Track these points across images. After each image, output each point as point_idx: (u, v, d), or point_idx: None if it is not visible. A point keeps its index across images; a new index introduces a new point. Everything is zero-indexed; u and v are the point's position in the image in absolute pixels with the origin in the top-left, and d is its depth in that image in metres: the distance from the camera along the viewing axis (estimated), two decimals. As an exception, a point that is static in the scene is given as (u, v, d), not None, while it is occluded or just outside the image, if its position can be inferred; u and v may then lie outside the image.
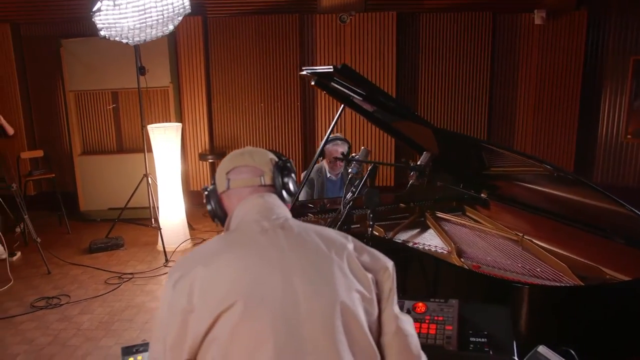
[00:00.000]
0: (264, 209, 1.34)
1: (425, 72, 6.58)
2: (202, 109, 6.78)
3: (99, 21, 4.37)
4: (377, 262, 1.35)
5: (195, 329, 1.17)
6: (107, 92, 6.66)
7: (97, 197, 6.52)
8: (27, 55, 6.73)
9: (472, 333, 1.79)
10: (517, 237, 2.87)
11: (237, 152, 1.46)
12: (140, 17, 4.45)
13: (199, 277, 1.21)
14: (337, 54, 6.47)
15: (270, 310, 1.18)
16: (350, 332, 1.21)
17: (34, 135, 6.93)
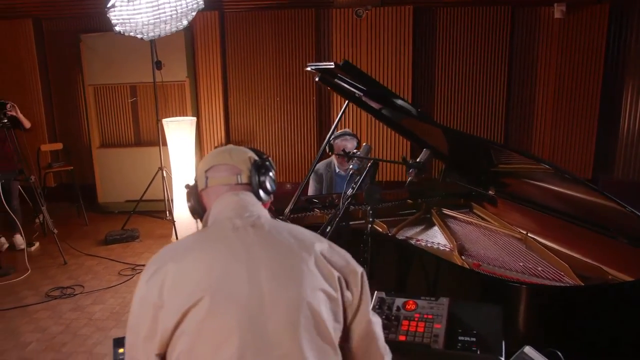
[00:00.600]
0: (238, 206, 1.35)
1: (442, 67, 6.51)
2: (218, 103, 6.83)
3: (114, 17, 4.43)
4: (347, 265, 1.36)
5: (164, 324, 1.20)
6: (125, 86, 6.76)
7: (114, 189, 6.64)
8: (49, 50, 6.88)
9: (462, 332, 1.78)
10: (521, 235, 2.84)
11: (218, 150, 1.48)
12: (154, 12, 4.50)
13: (170, 273, 1.24)
14: (353, 48, 6.44)
15: (236, 306, 1.20)
16: (314, 330, 1.23)
17: (54, 128, 7.07)
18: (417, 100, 6.62)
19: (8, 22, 6.61)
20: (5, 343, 3.64)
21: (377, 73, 6.40)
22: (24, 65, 6.71)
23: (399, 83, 6.40)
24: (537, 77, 6.42)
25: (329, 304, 1.28)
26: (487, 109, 6.51)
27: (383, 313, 1.87)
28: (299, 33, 6.53)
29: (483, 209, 3.36)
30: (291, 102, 6.76)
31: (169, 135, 5.48)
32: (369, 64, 6.41)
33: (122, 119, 6.91)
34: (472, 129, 6.57)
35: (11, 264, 4.92)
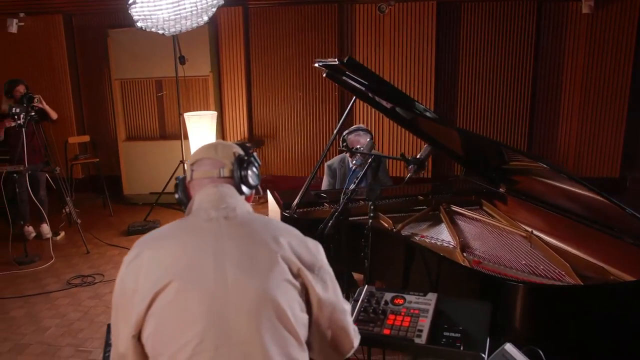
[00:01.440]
0: (216, 198, 1.40)
1: (466, 64, 6.44)
2: (241, 97, 6.92)
3: (135, 13, 4.54)
4: (315, 258, 1.40)
5: (138, 307, 1.27)
6: (151, 81, 6.90)
7: (139, 181, 6.79)
8: (78, 45, 7.09)
9: (447, 327, 1.79)
10: (526, 233, 2.81)
11: (205, 145, 1.53)
12: (174, 9, 4.59)
13: (146, 260, 1.31)
14: (375, 44, 6.43)
15: (200, 292, 1.26)
16: (276, 320, 1.27)
17: (83, 121, 7.28)
18: (439, 97, 6.58)
19: (40, 17, 6.83)
20: (27, 327, 3.79)
21: (400, 69, 6.38)
22: (54, 59, 6.93)
23: (422, 79, 6.36)
24: (564, 74, 6.28)
25: (294, 295, 1.32)
26: (511, 106, 6.41)
27: (371, 307, 1.89)
28: (322, 28, 6.56)
29: (492, 206, 3.33)
30: (313, 96, 6.80)
31: (190, 129, 5.59)
32: (392, 59, 6.39)
33: (147, 112, 7.06)
34: (495, 126, 6.49)
35: (37, 252, 5.10)
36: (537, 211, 3.01)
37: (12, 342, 3.61)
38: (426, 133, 2.96)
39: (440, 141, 3.08)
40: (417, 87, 6.38)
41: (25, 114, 4.96)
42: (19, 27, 6.71)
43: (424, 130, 3.01)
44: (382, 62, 6.43)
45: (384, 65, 6.43)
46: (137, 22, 4.63)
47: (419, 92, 6.39)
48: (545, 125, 6.49)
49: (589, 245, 2.61)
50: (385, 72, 6.44)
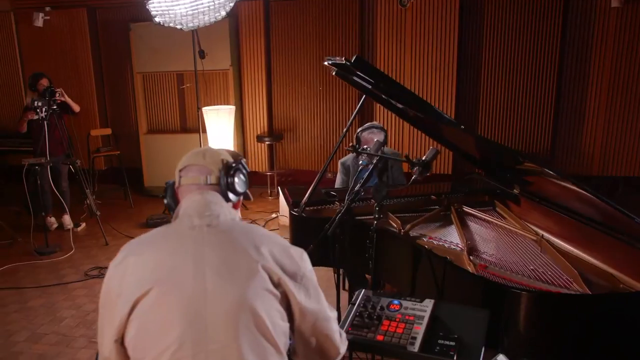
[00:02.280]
0: (200, 205, 1.41)
1: (489, 59, 6.31)
2: (261, 91, 6.93)
3: (153, 8, 4.57)
4: (297, 267, 1.40)
5: (121, 311, 1.29)
6: (172, 74, 6.96)
7: (159, 173, 6.87)
8: (102, 39, 7.19)
9: (442, 335, 1.76)
10: (536, 237, 2.74)
11: (194, 151, 1.54)
12: (192, 4, 4.60)
13: (130, 265, 1.33)
14: (397, 38, 6.35)
15: (179, 299, 1.27)
16: (254, 328, 1.28)
17: (105, 114, 7.40)
18: (461, 91, 6.47)
19: (64, 11, 6.95)
20: (44, 317, 3.88)
21: (421, 63, 6.29)
22: (78, 53, 7.04)
23: (444, 73, 6.26)
24: (590, 69, 6.10)
25: (274, 304, 1.32)
26: (535, 102, 6.27)
27: (366, 311, 1.87)
28: (343, 21, 6.51)
29: (505, 207, 3.26)
30: (334, 90, 6.76)
31: (208, 123, 5.63)
32: (413, 53, 6.31)
33: (168, 106, 7.14)
34: (518, 121, 6.36)
35: (57, 243, 5.21)
36: (550, 213, 2.94)
37: (29, 331, 3.70)
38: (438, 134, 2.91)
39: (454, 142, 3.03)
40: (439, 82, 6.29)
41: (48, 107, 5.07)
42: (45, 21, 6.84)
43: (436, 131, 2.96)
44: (404, 56, 6.35)
45: (405, 59, 6.35)
46: (155, 17, 4.66)
47: (441, 86, 6.30)
48: (570, 121, 6.33)
49: (601, 251, 2.54)
50: (407, 67, 6.36)
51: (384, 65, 6.44)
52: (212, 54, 6.14)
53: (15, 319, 3.87)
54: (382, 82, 2.59)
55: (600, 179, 6.37)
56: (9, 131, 6.94)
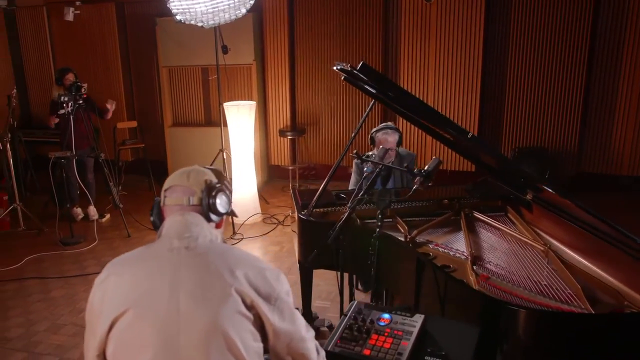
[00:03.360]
0: (181, 227, 1.45)
1: (515, 54, 6.18)
2: (284, 86, 6.95)
3: (174, 7, 4.62)
4: (272, 289, 1.43)
5: (101, 328, 1.35)
6: (197, 68, 7.04)
7: (184, 166, 6.93)
8: (129, 33, 7.31)
9: (430, 352, 1.77)
10: (544, 247, 2.70)
11: (179, 171, 1.59)
12: (212, 2, 4.63)
13: (111, 284, 1.39)
14: (421, 33, 6.27)
15: (154, 321, 1.32)
16: (226, 350, 1.31)
17: (133, 107, 7.55)
18: (486, 88, 6.37)
19: (94, 6, 7.10)
20: (63, 308, 4.02)
21: (445, 58, 6.20)
22: (107, 47, 7.19)
23: (468, 69, 6.15)
24: (622, 66, 5.90)
25: (247, 326, 1.36)
26: (563, 98, 6.12)
27: (356, 324, 1.89)
28: (367, 17, 6.47)
29: (517, 214, 3.21)
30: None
31: (229, 118, 5.68)
32: (437, 48, 6.22)
33: (193, 99, 7.23)
34: (545, 119, 6.23)
35: (82, 234, 5.37)
36: (562, 222, 2.88)
37: (49, 321, 3.84)
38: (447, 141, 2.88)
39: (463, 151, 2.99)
40: (464, 77, 6.19)
41: (74, 101, 5.20)
42: (75, 16, 7.01)
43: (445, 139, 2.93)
44: (428, 51, 6.27)
45: (429, 55, 6.27)
46: (176, 15, 4.71)
47: (465, 82, 6.20)
48: (600, 118, 6.15)
49: (611, 264, 2.48)
50: (431, 62, 6.29)
51: (408, 61, 6.39)
52: (236, 49, 6.17)
53: (37, 308, 4.03)
54: (388, 88, 2.58)
55: (630, 178, 6.20)
56: (40, 123, 7.16)
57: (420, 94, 6.41)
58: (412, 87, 6.44)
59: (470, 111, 6.28)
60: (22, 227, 5.52)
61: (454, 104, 6.31)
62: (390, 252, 2.68)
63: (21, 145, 6.43)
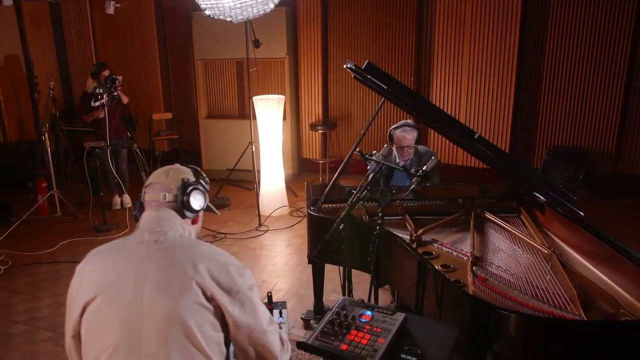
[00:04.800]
0: (154, 222, 1.56)
1: (553, 53, 6.03)
2: (317, 80, 7.00)
3: (202, 2, 4.74)
4: (233, 283, 1.50)
5: (75, 312, 1.48)
6: (232, 62, 7.18)
7: (217, 158, 7.15)
8: (167, 26, 7.52)
9: (407, 350, 1.79)
10: (548, 251, 2.66)
11: (161, 169, 1.70)
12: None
13: (86, 272, 1.52)
14: (456, 29, 6.19)
15: (119, 308, 1.42)
16: (184, 338, 1.40)
17: (170, 99, 7.76)
18: (521, 86, 6.25)
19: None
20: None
21: (480, 55, 6.11)
22: (145, 40, 7.42)
23: (503, 65, 6.03)
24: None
25: (207, 316, 1.44)
26: (601, 100, 5.94)
27: (338, 319, 1.93)
28: (401, 12, 6.44)
29: (529, 215, 3.17)
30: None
31: (258, 111, 5.78)
32: (472, 45, 6.13)
33: (227, 92, 7.38)
34: (582, 120, 6.08)
35: (115, 221, 5.60)
36: (573, 225, 2.84)
37: (76, 303, 4.04)
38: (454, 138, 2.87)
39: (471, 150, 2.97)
40: (498, 76, 6.08)
41: (108, 94, 5.41)
42: (116, 9, 7.26)
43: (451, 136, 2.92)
44: (462, 46, 6.18)
45: (464, 49, 6.18)
46: (204, 10, 4.83)
47: (500, 80, 6.09)
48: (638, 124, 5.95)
49: (617, 270, 2.44)
50: (465, 58, 6.20)
51: (442, 57, 6.33)
52: (268, 43, 6.27)
53: (66, 291, 4.21)
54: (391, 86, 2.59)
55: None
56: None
57: (453, 90, 6.35)
58: (445, 83, 6.38)
59: (504, 109, 6.16)
60: (59, 213, 5.79)
61: (487, 102, 6.21)
62: (391, 250, 2.70)
63: (62, 135, 6.71)
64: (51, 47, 7.80)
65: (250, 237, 5.30)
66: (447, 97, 6.40)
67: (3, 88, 7.01)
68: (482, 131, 6.34)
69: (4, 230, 5.27)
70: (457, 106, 6.39)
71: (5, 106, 7.05)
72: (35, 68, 6.83)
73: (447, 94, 6.41)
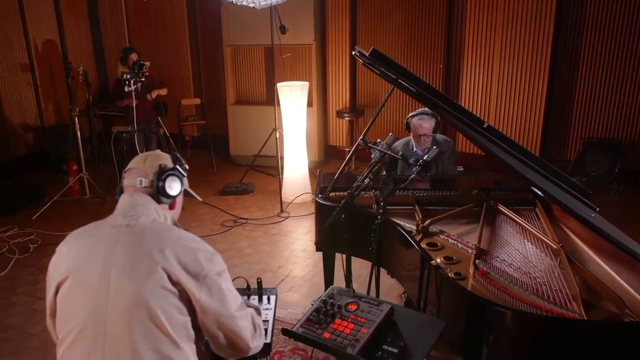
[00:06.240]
0: (128, 206, 1.60)
1: (589, 42, 5.81)
2: (345, 67, 6.95)
3: (225, -12, 4.75)
4: (200, 268, 1.52)
5: (50, 291, 1.53)
6: (260, 48, 7.19)
7: (244, 143, 7.21)
8: (198, 12, 7.58)
9: (389, 341, 1.77)
10: (557, 246, 2.57)
11: (140, 155, 1.73)
12: (262, -17, 4.72)
13: (63, 253, 1.56)
14: (488, 14, 6.03)
15: (87, 289, 1.46)
16: (149, 321, 1.43)
17: (200, 84, 7.85)
18: (556, 74, 6.05)
19: (165, -13, 7.43)
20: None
21: (512, 49, 5.95)
22: (177, 26, 7.52)
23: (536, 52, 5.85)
24: None
25: (172, 300, 1.46)
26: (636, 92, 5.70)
27: (324, 308, 1.92)
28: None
29: (544, 208, 3.08)
30: (418, 68, 6.61)
31: (282, 98, 5.78)
32: (503, 38, 5.96)
33: (255, 78, 7.41)
34: (619, 111, 5.86)
35: (140, 204, 5.72)
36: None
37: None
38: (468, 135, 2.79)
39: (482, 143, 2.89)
40: (530, 62, 5.91)
41: (136, 79, 5.51)
42: (148, -4, 7.37)
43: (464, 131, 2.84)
44: (494, 33, 6.02)
45: (496, 37, 6.02)
46: (228, -3, 4.85)
47: (532, 67, 5.92)
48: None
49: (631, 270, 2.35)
50: (496, 45, 6.04)
51: (472, 43, 6.19)
52: (296, 29, 6.26)
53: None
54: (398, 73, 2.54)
55: None
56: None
57: (483, 78, 6.21)
58: (475, 71, 6.25)
59: (536, 97, 5.99)
60: (88, 195, 5.96)
61: (519, 90, 6.05)
62: (392, 240, 2.67)
63: (96, 119, 6.88)
64: (87, 33, 8.00)
65: (271, 223, 5.34)
66: (477, 85, 6.26)
67: (40, 73, 7.23)
68: (513, 121, 6.19)
69: (36, 210, 5.47)
70: (488, 95, 6.24)
71: (43, 90, 7.28)
72: (71, 53, 7.02)
73: (477, 82, 6.27)
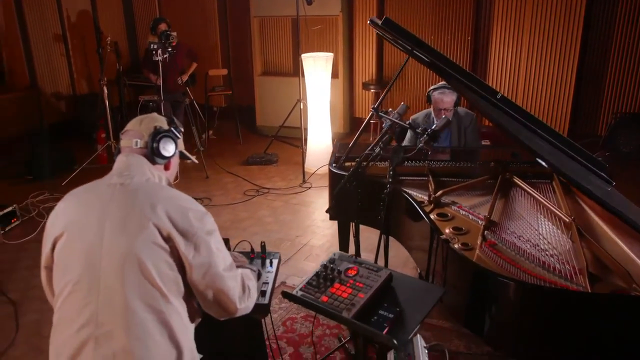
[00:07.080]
0: (123, 166, 1.66)
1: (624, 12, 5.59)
2: (371, 39, 6.88)
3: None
4: (190, 226, 1.57)
5: (47, 246, 1.61)
6: (287, 19, 7.16)
7: (270, 114, 7.24)
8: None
9: (386, 307, 1.80)
10: (569, 220, 2.54)
11: (137, 118, 1.78)
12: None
13: (60, 209, 1.63)
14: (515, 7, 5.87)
15: (82, 244, 1.53)
16: (140, 274, 1.49)
17: (228, 55, 7.89)
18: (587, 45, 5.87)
19: (194, -44, 7.42)
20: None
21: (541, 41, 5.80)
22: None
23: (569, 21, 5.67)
24: None
25: (163, 255, 1.53)
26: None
27: (324, 272, 1.96)
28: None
29: (560, 182, 3.03)
30: (445, 40, 6.52)
31: (306, 69, 5.78)
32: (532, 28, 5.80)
33: (282, 49, 7.39)
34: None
35: (167, 172, 5.85)
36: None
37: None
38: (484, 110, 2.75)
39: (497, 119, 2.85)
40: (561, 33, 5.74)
41: (163, 49, 5.57)
42: (178, -34, 7.39)
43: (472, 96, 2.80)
44: (523, 13, 5.86)
45: (525, 17, 5.86)
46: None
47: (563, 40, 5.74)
48: None
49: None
50: (527, 17, 5.87)
51: (502, 15, 6.02)
52: (322, 0, 6.20)
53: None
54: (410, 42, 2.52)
55: None
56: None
57: (513, 50, 6.07)
58: (504, 44, 6.10)
59: (567, 70, 5.83)
60: (115, 162, 6.12)
61: (549, 62, 5.90)
62: (401, 210, 2.68)
63: (126, 88, 7.01)
64: (118, 3, 8.09)
65: (292, 193, 5.39)
66: (506, 57, 6.12)
67: (73, 43, 7.39)
68: (543, 94, 6.05)
69: (66, 176, 5.65)
70: (517, 66, 6.10)
71: (75, 61, 7.44)
72: (103, 24, 7.13)
73: (506, 54, 6.13)
